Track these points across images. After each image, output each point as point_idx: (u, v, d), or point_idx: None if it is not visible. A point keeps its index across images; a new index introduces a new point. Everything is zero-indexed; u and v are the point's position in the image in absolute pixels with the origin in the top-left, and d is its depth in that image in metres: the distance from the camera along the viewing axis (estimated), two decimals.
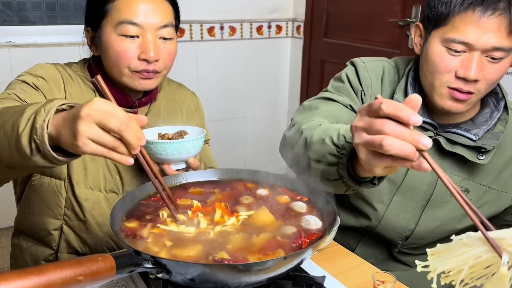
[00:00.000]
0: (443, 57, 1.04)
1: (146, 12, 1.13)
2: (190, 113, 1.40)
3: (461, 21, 1.00)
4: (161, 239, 0.85)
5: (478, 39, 0.99)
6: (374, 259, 1.26)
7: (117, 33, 1.13)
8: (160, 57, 1.16)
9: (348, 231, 1.30)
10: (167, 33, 1.17)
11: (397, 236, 1.22)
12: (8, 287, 0.58)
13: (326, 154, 0.86)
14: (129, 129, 0.72)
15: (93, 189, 1.20)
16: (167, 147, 1.09)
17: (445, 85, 1.06)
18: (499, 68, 1.03)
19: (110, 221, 0.85)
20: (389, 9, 2.59)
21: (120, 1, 1.13)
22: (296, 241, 0.85)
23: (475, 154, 1.10)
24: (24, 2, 2.62)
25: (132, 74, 1.16)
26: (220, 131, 3.10)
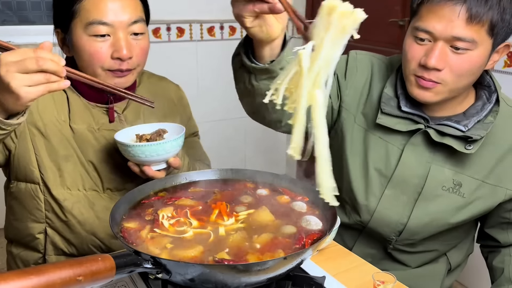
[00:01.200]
0: (411, 46, 1.09)
1: (115, 10, 1.11)
2: (173, 106, 1.37)
3: (426, 10, 1.05)
4: (161, 241, 0.85)
5: (437, 27, 1.03)
6: (371, 258, 1.26)
7: (88, 34, 1.11)
8: (133, 54, 1.15)
9: (344, 231, 1.30)
10: (138, 28, 1.15)
11: (391, 231, 1.22)
12: (8, 287, 0.58)
13: (237, 47, 1.00)
14: (45, 60, 0.80)
15: (71, 189, 1.20)
16: (145, 150, 1.07)
17: (412, 72, 1.10)
18: (464, 59, 1.04)
19: (110, 221, 0.85)
20: (389, 9, 2.59)
21: (87, 1, 1.11)
22: (299, 242, 0.84)
23: (463, 145, 1.11)
24: (24, 2, 2.62)
25: (106, 73, 1.15)
26: (220, 131, 3.10)
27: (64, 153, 1.18)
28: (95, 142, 1.20)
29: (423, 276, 1.29)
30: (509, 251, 1.24)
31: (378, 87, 1.24)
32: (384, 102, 1.18)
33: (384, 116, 1.17)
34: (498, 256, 1.26)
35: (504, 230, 1.23)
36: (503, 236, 1.24)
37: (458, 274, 1.38)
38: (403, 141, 1.18)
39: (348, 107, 1.26)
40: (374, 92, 1.24)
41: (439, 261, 1.31)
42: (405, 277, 1.23)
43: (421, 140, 1.16)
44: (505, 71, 2.09)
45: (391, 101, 1.18)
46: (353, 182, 1.24)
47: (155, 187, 1.04)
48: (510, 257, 1.23)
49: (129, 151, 1.08)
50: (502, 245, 1.26)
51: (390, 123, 1.17)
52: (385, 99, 1.18)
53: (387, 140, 1.19)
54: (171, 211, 0.94)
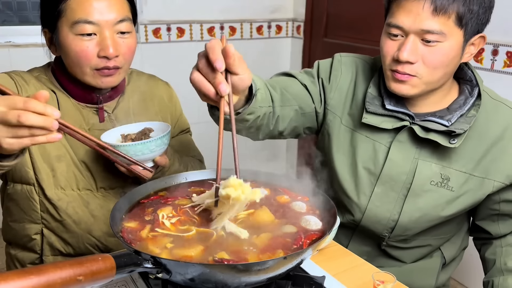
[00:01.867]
0: (385, 42, 1.12)
1: (100, 9, 1.11)
2: (163, 104, 1.38)
3: (396, 6, 1.08)
4: (162, 240, 0.85)
5: (406, 22, 1.06)
6: (366, 256, 1.27)
7: (74, 33, 1.11)
8: (119, 53, 1.15)
9: (338, 229, 1.31)
10: (124, 27, 1.15)
11: (383, 228, 1.23)
12: (8, 287, 0.58)
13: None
14: (29, 115, 0.73)
15: (65, 189, 1.20)
16: (130, 149, 1.07)
17: (388, 67, 1.13)
18: (435, 51, 1.06)
19: (110, 221, 0.85)
20: None
21: (72, 1, 1.11)
22: (297, 242, 0.85)
23: (447, 139, 1.12)
24: (24, 2, 2.62)
25: (94, 73, 1.15)
26: None
27: (57, 153, 1.18)
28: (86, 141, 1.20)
29: (418, 271, 1.30)
30: (500, 243, 1.26)
31: (362, 88, 1.26)
32: (368, 101, 1.20)
33: (369, 115, 1.19)
34: (490, 248, 1.28)
35: (494, 222, 1.25)
36: (494, 227, 1.26)
37: (454, 269, 1.39)
38: (390, 139, 1.20)
39: (334, 109, 1.28)
40: (359, 92, 1.27)
41: (433, 256, 1.32)
42: (401, 273, 1.23)
43: (407, 136, 1.17)
44: (505, 71, 2.09)
45: (375, 100, 1.20)
46: (343, 182, 1.25)
47: (155, 187, 1.05)
48: (501, 248, 1.25)
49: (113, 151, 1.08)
50: (493, 236, 1.27)
51: (375, 122, 1.18)
52: (369, 98, 1.20)
53: (374, 139, 1.21)
54: (170, 210, 0.94)
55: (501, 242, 1.26)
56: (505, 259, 1.23)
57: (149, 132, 1.17)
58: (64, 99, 1.20)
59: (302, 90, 1.27)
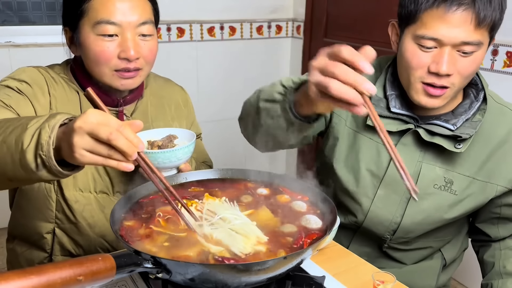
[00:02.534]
0: (415, 54, 1.07)
1: (123, 10, 1.11)
2: (179, 108, 1.38)
3: (429, 17, 1.03)
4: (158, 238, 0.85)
5: (446, 34, 1.01)
6: (367, 257, 1.27)
7: (95, 33, 1.11)
8: (140, 55, 1.14)
9: (339, 230, 1.31)
10: (146, 30, 1.15)
11: (385, 230, 1.23)
12: (8, 287, 0.58)
13: (274, 92, 0.97)
14: (119, 137, 0.71)
15: (83, 191, 1.20)
16: (158, 157, 1.06)
17: (419, 80, 1.08)
18: (471, 61, 1.05)
19: (110, 220, 0.85)
20: (389, 9, 2.59)
21: (96, 1, 1.10)
22: (297, 241, 0.85)
23: (453, 144, 1.12)
24: (24, 2, 2.62)
25: (113, 74, 1.14)
26: (220, 131, 3.10)
27: None
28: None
29: (418, 273, 1.30)
30: (499, 245, 1.26)
31: None
32: (373, 103, 1.18)
33: None
34: (489, 251, 1.28)
35: (494, 224, 1.25)
36: (493, 230, 1.25)
37: (454, 270, 1.39)
38: (394, 141, 1.18)
39: (339, 112, 1.27)
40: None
41: (434, 257, 1.32)
42: (401, 274, 1.23)
43: (411, 139, 1.17)
44: (505, 71, 2.09)
45: (380, 102, 1.19)
46: (346, 184, 1.24)
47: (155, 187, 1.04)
48: (500, 251, 1.25)
49: None
50: (492, 239, 1.27)
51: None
52: (374, 100, 1.19)
53: (378, 141, 1.20)
54: (169, 210, 0.94)
55: (500, 245, 1.26)
56: (504, 262, 1.23)
57: (174, 139, 1.16)
58: (86, 100, 1.20)
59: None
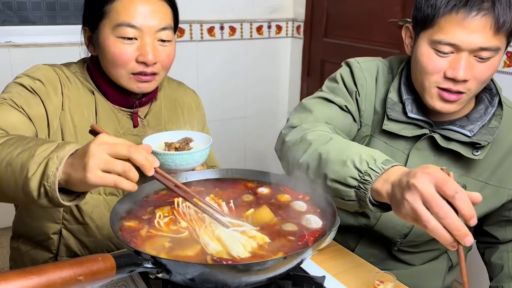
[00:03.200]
0: (432, 59, 1.05)
1: (144, 14, 1.12)
2: (191, 112, 1.39)
3: (446, 22, 1.01)
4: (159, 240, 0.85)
5: (465, 40, 1.00)
6: (373, 258, 1.27)
7: (115, 35, 1.12)
8: (158, 60, 1.15)
9: (347, 231, 1.30)
10: (165, 35, 1.16)
11: (396, 234, 1.22)
12: (8, 287, 0.58)
13: (346, 176, 0.89)
14: (138, 152, 0.73)
15: (92, 193, 1.19)
16: (176, 159, 1.07)
17: (434, 85, 1.07)
18: (488, 67, 1.03)
19: (110, 220, 0.85)
20: (389, 9, 2.59)
21: (118, 3, 1.11)
22: (301, 239, 0.85)
23: (470, 150, 1.11)
24: (24, 2, 2.62)
25: (129, 77, 1.15)
26: (220, 131, 3.10)
27: None
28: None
29: (425, 274, 1.30)
30: (506, 248, 1.25)
31: (381, 91, 1.22)
32: (389, 108, 1.16)
33: (390, 122, 1.16)
34: (496, 253, 1.27)
35: (502, 227, 1.24)
36: (501, 233, 1.25)
37: (459, 271, 1.39)
38: (408, 146, 1.17)
39: (367, 121, 1.23)
40: (378, 96, 1.22)
41: (440, 259, 1.31)
42: (408, 275, 1.23)
43: (427, 144, 1.15)
44: (505, 71, 2.10)
45: (396, 107, 1.17)
46: None
47: (155, 187, 1.04)
48: (508, 254, 1.24)
49: (159, 158, 1.06)
50: (500, 241, 1.27)
51: (396, 129, 1.16)
52: (390, 104, 1.16)
53: (392, 145, 1.18)
54: (168, 210, 0.94)
55: (508, 247, 1.25)
56: None
57: (190, 141, 1.17)
58: (101, 100, 1.21)
59: (344, 116, 1.20)
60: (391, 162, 0.87)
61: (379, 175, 0.85)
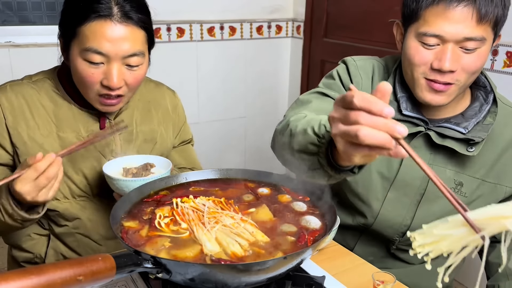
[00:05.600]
0: (418, 51, 1.07)
1: (113, 41, 1.06)
2: (166, 113, 1.36)
3: (430, 14, 1.03)
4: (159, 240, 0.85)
5: (448, 31, 1.01)
6: (372, 257, 1.27)
7: (82, 58, 1.08)
8: (123, 84, 1.12)
9: (346, 230, 1.31)
10: (134, 61, 1.11)
11: (394, 232, 1.22)
12: (8, 287, 0.58)
13: (307, 144, 0.87)
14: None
15: (60, 199, 1.20)
16: (130, 184, 1.06)
17: (422, 76, 1.08)
18: (475, 57, 1.04)
19: (110, 220, 0.85)
20: (389, 9, 2.59)
21: (87, 28, 1.06)
22: (301, 239, 0.85)
23: (464, 147, 1.11)
24: (24, 2, 2.62)
25: (95, 97, 1.13)
26: (220, 131, 3.10)
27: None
28: (84, 150, 1.16)
29: (424, 273, 1.30)
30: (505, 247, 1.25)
31: None
32: None
33: None
34: (494, 252, 1.27)
35: None
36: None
37: (458, 270, 1.39)
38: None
39: None
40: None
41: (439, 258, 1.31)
42: (406, 275, 1.23)
43: (422, 142, 1.16)
44: (505, 71, 2.09)
45: (391, 105, 1.17)
46: (355, 186, 1.24)
47: (155, 187, 1.05)
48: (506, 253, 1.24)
49: (113, 183, 1.09)
50: (497, 240, 1.26)
51: None
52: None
53: None
54: (168, 210, 0.94)
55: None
56: (511, 264, 1.23)
57: (151, 167, 1.16)
58: (64, 105, 1.19)
59: None
60: None
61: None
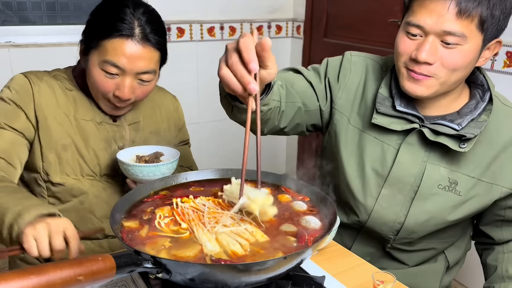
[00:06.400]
0: (403, 40, 1.10)
1: (130, 58, 1.17)
2: (169, 112, 1.47)
3: (417, 5, 1.06)
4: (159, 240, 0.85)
5: (428, 22, 1.04)
6: (370, 257, 1.27)
7: (100, 67, 1.19)
8: (132, 96, 1.23)
9: (343, 230, 1.31)
10: (146, 77, 1.22)
11: (388, 230, 1.22)
12: (8, 287, 0.58)
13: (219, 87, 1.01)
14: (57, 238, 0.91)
15: (69, 175, 1.29)
16: (144, 170, 1.20)
17: (403, 65, 1.11)
18: (455, 54, 1.04)
19: (110, 220, 0.85)
20: (389, 9, 2.59)
21: (109, 42, 1.17)
22: (301, 239, 0.85)
23: (457, 143, 1.11)
24: (24, 2, 2.62)
25: (104, 101, 1.26)
26: (220, 131, 3.10)
27: (63, 143, 1.27)
28: (97, 131, 1.31)
29: (422, 274, 1.30)
30: (502, 249, 1.25)
31: (372, 88, 1.25)
32: (379, 102, 1.18)
33: (379, 115, 1.18)
34: (492, 254, 1.27)
35: (498, 227, 1.24)
36: (497, 233, 1.25)
37: (457, 271, 1.39)
38: (399, 141, 1.18)
39: (342, 109, 1.27)
40: (368, 92, 1.25)
41: (437, 259, 1.32)
42: (405, 276, 1.23)
43: (416, 139, 1.16)
44: (505, 71, 2.10)
45: (386, 101, 1.19)
46: (350, 183, 1.24)
47: (155, 187, 1.05)
48: (503, 255, 1.24)
49: (128, 169, 1.21)
50: (496, 242, 1.27)
51: (385, 123, 1.17)
52: (380, 99, 1.19)
53: (383, 140, 1.20)
54: (168, 210, 0.94)
55: (503, 248, 1.25)
56: (507, 265, 1.23)
57: (160, 156, 1.29)
58: (81, 97, 1.31)
59: (307, 87, 1.26)
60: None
61: None
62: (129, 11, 1.18)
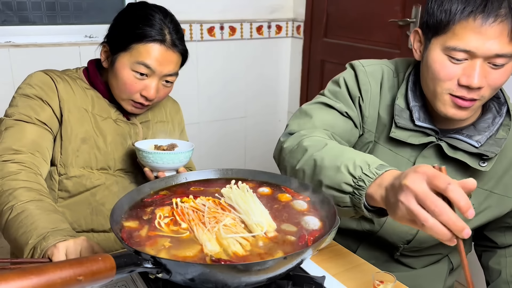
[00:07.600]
0: (445, 65, 1.02)
1: (161, 61, 1.29)
2: (172, 114, 1.57)
3: (462, 29, 0.98)
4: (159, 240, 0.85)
5: (480, 47, 0.97)
6: (375, 260, 1.26)
7: (131, 68, 1.28)
8: (156, 96, 1.34)
9: (349, 234, 1.30)
10: (170, 79, 1.35)
11: (399, 240, 1.21)
12: (8, 287, 0.58)
13: (341, 182, 0.88)
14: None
15: (85, 168, 1.34)
16: (164, 157, 1.27)
17: (447, 92, 1.04)
18: (502, 73, 1.01)
19: (110, 220, 0.85)
20: (389, 9, 2.59)
21: (143, 46, 1.27)
22: (301, 239, 0.85)
23: (477, 161, 1.09)
24: (24, 2, 2.62)
25: (128, 101, 1.34)
26: (220, 131, 3.10)
27: (83, 136, 1.33)
28: (114, 127, 1.38)
29: (426, 277, 1.30)
30: (505, 253, 1.25)
31: (387, 97, 1.20)
32: (397, 115, 1.14)
33: (398, 129, 1.14)
34: (494, 257, 1.27)
35: (502, 232, 1.24)
36: (500, 238, 1.24)
37: (460, 273, 1.39)
38: (414, 153, 1.16)
39: (370, 127, 1.21)
40: (383, 102, 1.20)
41: (441, 262, 1.31)
42: (409, 278, 1.23)
43: (433, 153, 1.14)
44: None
45: (403, 113, 1.14)
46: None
47: (155, 187, 1.05)
48: (506, 259, 1.24)
49: (149, 157, 1.27)
50: (498, 246, 1.26)
51: (403, 137, 1.14)
52: (397, 111, 1.14)
53: (397, 152, 1.17)
54: (168, 210, 0.94)
55: (506, 252, 1.24)
56: (511, 270, 1.22)
57: (175, 146, 1.37)
58: (96, 94, 1.38)
59: (345, 122, 1.19)
60: (385, 167, 0.86)
61: (373, 180, 0.84)
62: (159, 17, 1.29)
